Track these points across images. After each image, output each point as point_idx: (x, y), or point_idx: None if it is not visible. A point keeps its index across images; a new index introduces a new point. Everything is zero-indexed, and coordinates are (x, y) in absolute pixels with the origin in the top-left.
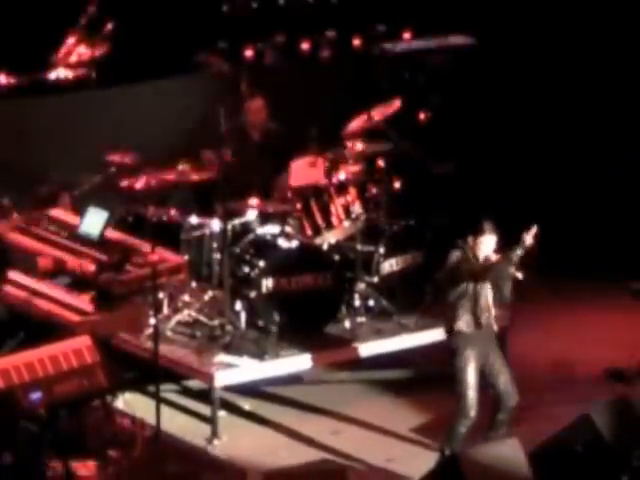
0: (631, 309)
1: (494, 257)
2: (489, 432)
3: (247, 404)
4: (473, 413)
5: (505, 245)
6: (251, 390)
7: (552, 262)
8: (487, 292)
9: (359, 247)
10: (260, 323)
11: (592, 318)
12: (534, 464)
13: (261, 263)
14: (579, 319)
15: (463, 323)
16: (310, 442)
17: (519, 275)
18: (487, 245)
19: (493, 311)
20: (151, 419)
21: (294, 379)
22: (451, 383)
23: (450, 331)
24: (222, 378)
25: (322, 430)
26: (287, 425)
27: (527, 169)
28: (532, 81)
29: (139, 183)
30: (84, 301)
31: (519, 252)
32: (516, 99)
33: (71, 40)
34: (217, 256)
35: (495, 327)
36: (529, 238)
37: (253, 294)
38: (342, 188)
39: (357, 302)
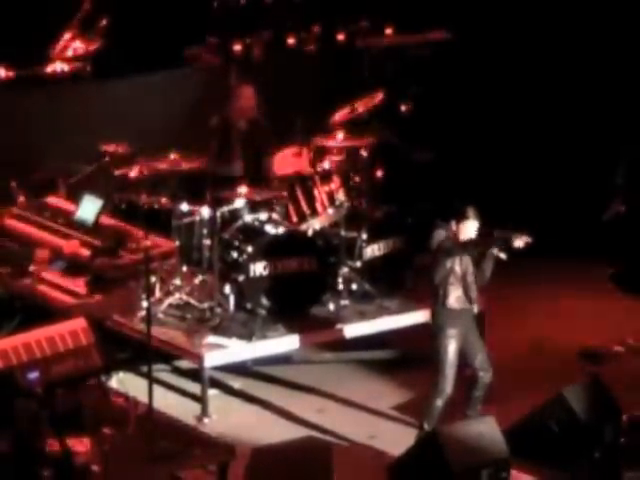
0: (605, 293)
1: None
2: (467, 410)
3: (236, 383)
4: (449, 389)
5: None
6: (240, 369)
7: (530, 247)
8: (472, 270)
9: (343, 233)
10: (248, 306)
11: (566, 302)
12: (511, 441)
13: (249, 248)
14: (553, 303)
15: (453, 300)
16: (296, 419)
17: (502, 255)
18: (469, 230)
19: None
20: (143, 398)
21: (283, 359)
22: (431, 363)
23: (438, 309)
24: (211, 358)
25: (308, 408)
26: (274, 403)
27: (503, 156)
28: (507, 73)
29: (132, 172)
30: (79, 285)
31: (499, 244)
32: (492, 90)
33: (67, 36)
34: (207, 242)
35: (475, 308)
36: (519, 242)
37: (241, 278)
38: (326, 176)
39: (341, 286)
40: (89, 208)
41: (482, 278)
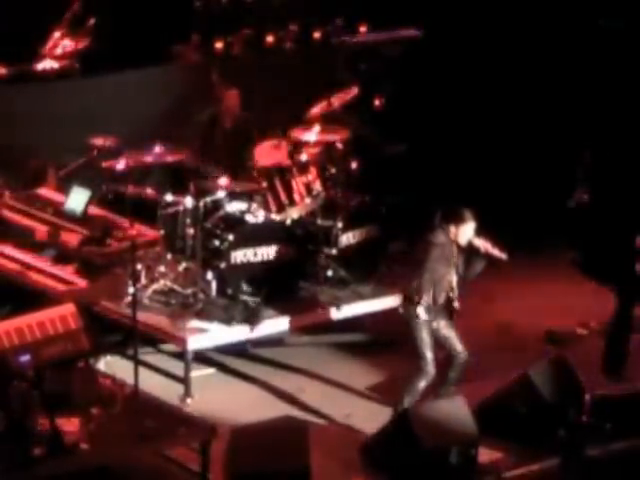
0: (569, 278)
1: (477, 241)
2: (440, 389)
3: (215, 368)
4: (432, 370)
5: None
6: (222, 351)
7: (496, 233)
8: (452, 275)
9: (319, 222)
10: (229, 291)
11: (532, 287)
12: (479, 419)
13: (230, 237)
14: (521, 288)
15: (423, 300)
16: (276, 399)
17: (503, 256)
18: (468, 232)
19: (456, 291)
20: (130, 379)
21: (264, 341)
22: (402, 346)
23: (411, 303)
24: (194, 342)
25: (287, 388)
26: (255, 384)
27: (471, 148)
28: (475, 68)
29: (119, 164)
30: (69, 272)
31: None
32: (460, 85)
33: (57, 34)
34: (190, 230)
35: (456, 304)
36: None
37: (223, 265)
38: (304, 168)
39: (318, 272)
40: (78, 199)
41: (470, 275)
